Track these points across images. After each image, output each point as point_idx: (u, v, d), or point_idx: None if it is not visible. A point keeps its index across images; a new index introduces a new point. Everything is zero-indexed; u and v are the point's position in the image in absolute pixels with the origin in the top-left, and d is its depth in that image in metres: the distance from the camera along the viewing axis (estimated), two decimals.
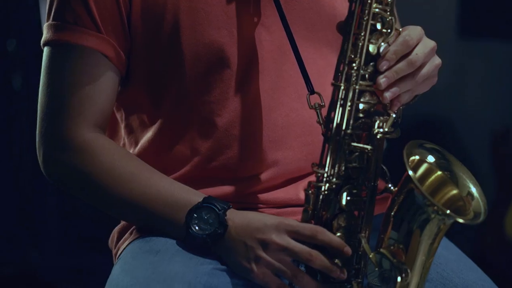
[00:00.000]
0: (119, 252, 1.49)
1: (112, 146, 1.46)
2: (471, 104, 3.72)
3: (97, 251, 1.57)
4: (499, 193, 3.37)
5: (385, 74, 1.33)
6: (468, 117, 3.70)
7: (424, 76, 1.37)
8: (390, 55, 1.34)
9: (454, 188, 1.33)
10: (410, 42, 1.35)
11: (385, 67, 1.33)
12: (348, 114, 1.33)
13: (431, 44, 1.38)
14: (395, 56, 1.34)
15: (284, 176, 1.49)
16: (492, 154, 3.44)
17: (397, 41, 1.34)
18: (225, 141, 1.46)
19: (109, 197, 1.43)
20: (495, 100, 3.68)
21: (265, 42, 1.46)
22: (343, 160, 1.34)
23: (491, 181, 3.39)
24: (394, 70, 1.34)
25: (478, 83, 3.71)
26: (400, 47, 1.34)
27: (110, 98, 1.46)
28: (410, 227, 1.29)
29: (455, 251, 1.54)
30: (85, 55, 1.42)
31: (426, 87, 1.41)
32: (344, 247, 1.33)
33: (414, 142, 1.33)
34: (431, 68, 1.38)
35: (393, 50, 1.34)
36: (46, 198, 3.11)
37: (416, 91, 1.41)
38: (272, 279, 1.35)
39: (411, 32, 1.36)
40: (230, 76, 1.45)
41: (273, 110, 1.47)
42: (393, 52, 1.34)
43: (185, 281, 1.33)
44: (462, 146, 3.61)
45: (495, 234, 3.32)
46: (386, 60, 1.34)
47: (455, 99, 3.73)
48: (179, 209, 1.39)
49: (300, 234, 1.33)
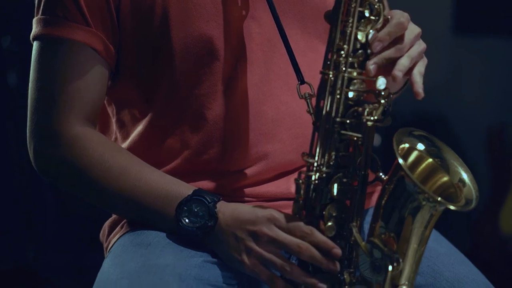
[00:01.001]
0: (110, 246, 1.49)
1: (102, 139, 1.46)
2: (467, 101, 3.72)
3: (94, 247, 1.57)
4: (494, 190, 3.37)
5: (374, 60, 1.32)
6: (463, 114, 3.70)
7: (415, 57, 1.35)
8: (384, 35, 1.33)
9: (445, 175, 1.32)
10: (405, 23, 1.34)
11: (379, 47, 1.33)
12: (337, 102, 1.33)
13: (416, 30, 1.37)
14: (389, 37, 1.33)
15: (274, 170, 1.48)
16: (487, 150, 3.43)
17: (391, 23, 1.34)
18: (215, 134, 1.46)
19: (100, 190, 1.43)
20: (490, 97, 3.68)
21: (255, 34, 1.45)
22: (333, 148, 1.33)
23: (486, 177, 3.39)
24: (383, 57, 1.33)
25: (474, 79, 3.71)
26: (394, 29, 1.33)
27: (100, 92, 1.45)
28: (401, 215, 1.29)
29: (445, 245, 1.54)
30: (75, 49, 1.42)
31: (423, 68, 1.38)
32: (332, 248, 1.32)
33: (404, 130, 1.32)
34: (419, 50, 1.37)
35: (388, 31, 1.33)
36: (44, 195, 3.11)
37: (420, 75, 1.38)
38: (263, 270, 1.34)
39: (404, 16, 1.35)
40: (220, 69, 1.44)
41: (263, 102, 1.46)
42: (387, 33, 1.33)
43: (176, 273, 1.33)
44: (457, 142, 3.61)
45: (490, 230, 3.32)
46: (379, 41, 1.33)
47: (450, 96, 3.73)
48: (169, 202, 1.39)
49: (291, 233, 1.33)
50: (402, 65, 1.34)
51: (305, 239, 1.32)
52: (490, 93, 3.69)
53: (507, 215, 3.31)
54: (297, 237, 1.32)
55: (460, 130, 3.63)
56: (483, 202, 3.36)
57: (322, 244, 1.32)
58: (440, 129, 3.61)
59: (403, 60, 1.34)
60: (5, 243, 3.07)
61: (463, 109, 3.70)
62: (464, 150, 3.54)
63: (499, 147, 3.41)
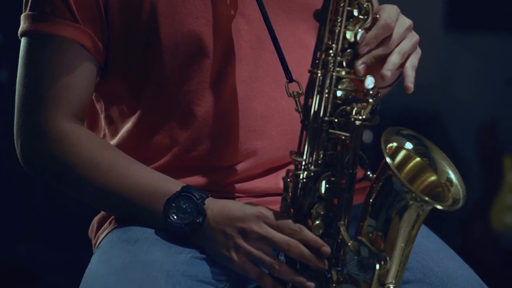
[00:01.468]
0: (98, 242, 1.49)
1: (90, 136, 1.46)
2: (459, 98, 3.73)
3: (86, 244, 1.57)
4: (485, 186, 3.38)
5: (362, 60, 1.33)
6: (455, 111, 3.70)
7: (407, 51, 1.35)
8: (371, 38, 1.33)
9: (433, 175, 1.32)
10: (391, 25, 1.34)
11: (365, 50, 1.33)
12: (326, 101, 1.33)
13: (407, 22, 1.37)
14: (376, 40, 1.34)
15: (263, 166, 1.48)
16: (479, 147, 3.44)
17: (378, 24, 1.34)
18: (204, 131, 1.46)
19: (88, 187, 1.43)
20: (482, 94, 3.69)
21: (244, 31, 1.45)
22: (321, 147, 1.33)
23: (477, 174, 3.39)
24: (371, 56, 1.33)
25: (466, 77, 3.71)
26: (381, 31, 1.33)
27: (88, 89, 1.45)
28: (388, 214, 1.29)
29: (435, 240, 1.54)
30: (63, 46, 1.42)
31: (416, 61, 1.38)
32: (321, 247, 1.32)
33: (392, 129, 1.32)
34: (411, 43, 1.37)
35: (374, 34, 1.33)
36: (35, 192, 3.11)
37: (413, 68, 1.38)
38: (251, 267, 1.34)
39: (391, 14, 1.35)
40: (209, 65, 1.44)
41: (252, 99, 1.46)
42: (373, 36, 1.33)
43: (164, 269, 1.33)
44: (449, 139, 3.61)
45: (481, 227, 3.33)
46: (366, 45, 1.33)
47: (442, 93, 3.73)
48: (158, 198, 1.39)
49: (280, 230, 1.33)
50: (391, 63, 1.34)
51: (294, 237, 1.32)
52: (482, 90, 3.69)
53: (498, 212, 3.32)
54: (286, 235, 1.33)
55: (452, 127, 3.64)
56: (475, 199, 3.37)
57: (311, 242, 1.32)
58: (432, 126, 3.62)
59: (393, 57, 1.34)
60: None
61: (455, 106, 3.71)
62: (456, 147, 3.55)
63: (490, 144, 3.41)
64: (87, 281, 1.37)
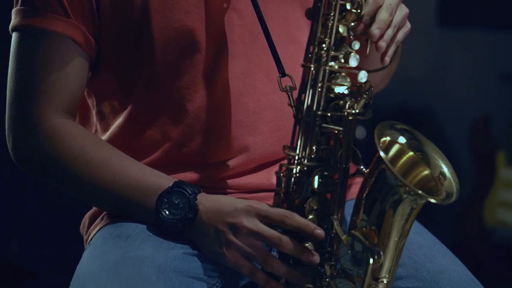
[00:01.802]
0: (90, 238, 1.48)
1: (82, 131, 1.45)
2: (452, 93, 3.73)
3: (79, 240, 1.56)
4: (478, 182, 3.38)
5: (376, 25, 1.34)
6: (448, 106, 3.70)
7: (398, 24, 1.37)
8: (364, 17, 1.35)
9: (426, 169, 1.32)
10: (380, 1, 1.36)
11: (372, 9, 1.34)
12: (319, 95, 1.32)
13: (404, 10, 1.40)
14: (368, 17, 1.35)
15: (255, 161, 1.48)
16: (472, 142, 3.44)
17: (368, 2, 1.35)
18: (196, 127, 1.45)
19: (79, 182, 1.42)
20: (475, 89, 3.69)
21: (236, 26, 1.45)
22: (315, 142, 1.33)
23: (470, 169, 3.39)
24: (381, 19, 1.34)
25: (458, 72, 3.71)
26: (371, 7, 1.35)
27: (79, 84, 1.44)
28: (382, 208, 1.28)
29: (427, 236, 1.54)
30: (54, 41, 1.41)
31: (402, 36, 1.40)
32: (314, 230, 1.31)
33: (385, 123, 1.32)
34: (402, 16, 1.38)
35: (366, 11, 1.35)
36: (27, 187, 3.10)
37: (396, 41, 1.40)
38: (243, 263, 1.34)
39: None
40: (201, 61, 1.44)
41: (244, 95, 1.46)
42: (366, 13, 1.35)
43: (155, 265, 1.33)
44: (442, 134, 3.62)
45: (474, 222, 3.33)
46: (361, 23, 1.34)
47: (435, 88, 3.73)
48: (150, 194, 1.38)
49: (270, 219, 1.33)
50: (387, 35, 1.35)
51: (286, 222, 1.31)
52: (475, 85, 3.70)
53: (491, 208, 3.32)
54: (277, 222, 1.32)
55: (445, 122, 3.64)
56: (468, 194, 3.37)
57: (304, 227, 1.32)
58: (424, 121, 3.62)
59: (389, 31, 1.36)
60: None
61: (447, 101, 3.71)
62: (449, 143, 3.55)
63: (483, 139, 3.42)
64: (78, 277, 1.36)
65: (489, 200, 3.32)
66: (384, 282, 1.30)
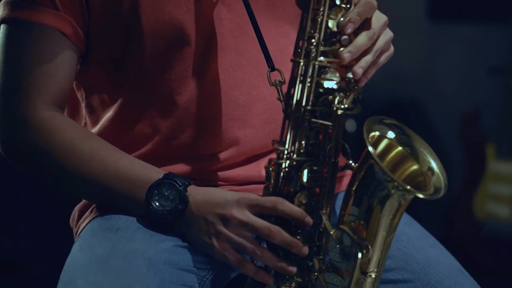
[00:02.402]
0: (79, 231, 1.48)
1: (71, 124, 1.45)
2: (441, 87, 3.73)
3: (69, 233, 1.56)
4: (468, 175, 3.39)
5: (348, 49, 1.32)
6: (438, 100, 3.71)
7: (380, 49, 1.36)
8: (354, 16, 1.32)
9: (415, 164, 1.32)
10: (373, 3, 1.34)
11: (350, 29, 1.32)
12: (308, 90, 1.33)
13: (383, 18, 1.37)
14: (359, 18, 1.33)
15: (246, 154, 1.48)
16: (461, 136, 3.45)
17: (360, 3, 1.33)
18: (186, 120, 1.45)
19: (69, 175, 1.42)
20: (465, 83, 3.70)
21: (225, 20, 1.45)
22: (304, 136, 1.33)
23: (460, 163, 3.40)
24: (357, 45, 1.32)
25: (448, 66, 3.72)
26: (364, 8, 1.33)
27: (68, 77, 1.44)
28: (370, 203, 1.29)
29: (416, 228, 1.54)
30: (43, 33, 1.41)
31: (385, 60, 1.40)
32: (304, 217, 1.32)
33: (374, 118, 1.32)
34: (385, 40, 1.37)
35: (357, 11, 1.33)
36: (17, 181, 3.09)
37: (377, 65, 1.39)
38: (232, 254, 1.34)
39: None
40: (190, 54, 1.44)
41: (234, 88, 1.46)
42: (356, 13, 1.32)
43: (145, 257, 1.33)
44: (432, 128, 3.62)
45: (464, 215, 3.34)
46: (351, 22, 1.32)
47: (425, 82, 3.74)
48: (140, 186, 1.38)
49: (260, 206, 1.33)
50: (364, 61, 1.34)
51: (278, 208, 1.32)
52: (464, 79, 3.70)
53: (481, 201, 3.33)
54: (268, 209, 1.32)
55: (435, 116, 3.65)
56: (458, 187, 3.38)
57: (294, 214, 1.32)
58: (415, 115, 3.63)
59: (368, 57, 1.34)
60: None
61: (437, 95, 3.72)
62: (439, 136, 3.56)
63: (473, 133, 3.42)
64: (68, 269, 1.36)
65: (479, 193, 3.33)
66: (372, 276, 1.31)
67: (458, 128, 3.46)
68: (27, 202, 3.14)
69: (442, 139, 3.54)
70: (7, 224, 3.11)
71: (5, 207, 3.12)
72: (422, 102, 3.70)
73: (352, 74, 1.32)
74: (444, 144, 3.51)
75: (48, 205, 3.07)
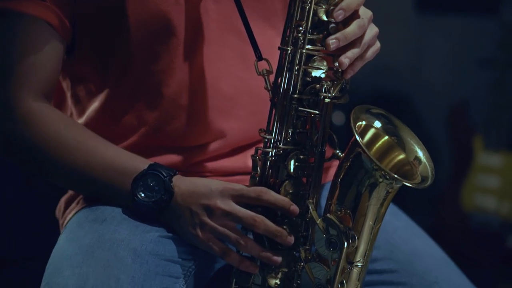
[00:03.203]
0: (65, 222, 1.48)
1: (58, 115, 1.44)
2: (429, 79, 3.74)
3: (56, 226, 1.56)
4: (455, 167, 3.39)
5: (335, 35, 1.31)
6: (426, 92, 3.71)
7: (367, 43, 1.35)
8: (345, 5, 1.31)
9: (401, 153, 1.32)
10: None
11: (341, 17, 1.31)
12: (295, 78, 1.32)
13: (369, 13, 1.36)
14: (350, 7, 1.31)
15: (231, 145, 1.48)
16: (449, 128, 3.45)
17: None
18: (172, 111, 1.45)
19: (55, 166, 1.41)
20: (452, 75, 3.70)
21: (212, 11, 1.44)
22: (291, 125, 1.33)
23: (448, 154, 3.41)
24: (344, 33, 1.31)
25: (436, 58, 3.72)
26: None
27: (55, 67, 1.43)
28: (357, 192, 1.29)
29: (402, 218, 1.54)
30: (29, 24, 1.40)
31: (372, 55, 1.38)
32: (290, 206, 1.32)
33: (361, 107, 1.32)
34: (372, 34, 1.36)
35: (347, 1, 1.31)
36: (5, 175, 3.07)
37: (364, 59, 1.38)
38: (217, 244, 1.34)
39: None
40: (177, 45, 1.43)
41: (220, 79, 1.45)
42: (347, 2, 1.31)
43: (131, 248, 1.33)
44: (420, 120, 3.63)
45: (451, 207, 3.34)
46: (342, 10, 1.31)
47: (413, 74, 3.74)
48: (125, 176, 1.38)
49: (245, 196, 1.32)
50: (351, 52, 1.32)
51: (262, 198, 1.31)
52: (452, 71, 3.71)
53: (468, 193, 3.33)
54: (253, 199, 1.32)
55: (422, 108, 3.65)
56: (445, 179, 3.38)
57: (279, 203, 1.32)
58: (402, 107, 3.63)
59: (355, 49, 1.33)
60: None
61: (425, 87, 3.72)
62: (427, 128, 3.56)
63: (461, 125, 3.43)
64: (54, 261, 1.36)
65: (467, 185, 3.33)
66: (359, 266, 1.30)
67: (446, 120, 3.46)
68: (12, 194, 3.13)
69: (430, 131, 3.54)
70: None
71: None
72: (410, 95, 3.70)
73: (338, 64, 1.31)
74: (432, 136, 3.51)
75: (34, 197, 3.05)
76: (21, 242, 3.03)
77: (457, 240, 3.30)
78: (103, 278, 1.29)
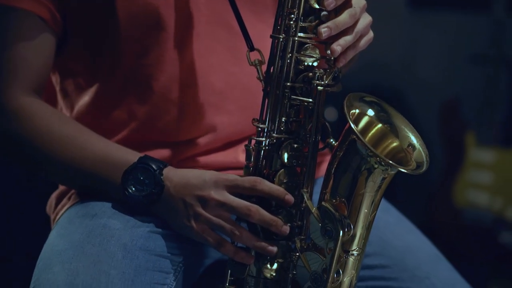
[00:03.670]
0: (57, 218, 1.47)
1: (48, 109, 1.43)
2: (422, 75, 3.74)
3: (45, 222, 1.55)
4: (448, 163, 3.39)
5: (327, 24, 1.29)
6: (418, 88, 3.71)
7: (360, 32, 1.33)
8: None
9: (395, 140, 1.31)
10: None
11: (332, 5, 1.30)
12: (288, 66, 1.31)
13: (362, 1, 1.34)
14: None
15: (222, 140, 1.47)
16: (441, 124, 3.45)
17: None
18: (162, 106, 1.43)
19: (46, 161, 1.40)
20: (445, 71, 3.70)
21: (202, 5, 1.43)
22: (284, 114, 1.32)
23: (440, 150, 3.41)
24: (336, 21, 1.30)
25: (429, 54, 3.72)
26: None
27: (46, 62, 1.43)
28: (352, 179, 1.27)
29: (394, 214, 1.54)
30: (21, 18, 1.39)
31: (365, 44, 1.36)
32: (285, 195, 1.30)
33: (354, 94, 1.31)
34: (365, 24, 1.34)
35: None
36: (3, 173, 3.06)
37: (357, 48, 1.37)
38: (211, 235, 1.33)
39: None
40: (166, 39, 1.42)
41: (211, 74, 1.44)
42: None
43: (121, 243, 1.32)
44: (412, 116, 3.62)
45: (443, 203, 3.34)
46: None
47: (405, 70, 3.74)
48: (116, 169, 1.36)
49: (239, 187, 1.31)
50: (343, 40, 1.31)
51: (257, 188, 1.30)
52: (445, 67, 3.71)
53: (461, 188, 3.33)
54: (247, 189, 1.30)
55: (414, 104, 3.65)
56: (437, 175, 3.38)
57: (275, 191, 1.31)
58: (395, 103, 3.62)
59: (348, 37, 1.31)
60: None
61: (417, 83, 3.72)
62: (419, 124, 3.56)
63: (453, 121, 3.43)
64: (44, 256, 1.34)
65: (459, 181, 3.33)
66: (355, 255, 1.29)
67: (438, 116, 3.46)
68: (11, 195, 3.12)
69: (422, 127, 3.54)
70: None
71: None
72: (402, 91, 3.70)
73: (330, 52, 1.29)
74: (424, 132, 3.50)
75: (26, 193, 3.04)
76: (21, 242, 3.02)
77: (450, 236, 3.30)
78: (93, 273, 1.27)
